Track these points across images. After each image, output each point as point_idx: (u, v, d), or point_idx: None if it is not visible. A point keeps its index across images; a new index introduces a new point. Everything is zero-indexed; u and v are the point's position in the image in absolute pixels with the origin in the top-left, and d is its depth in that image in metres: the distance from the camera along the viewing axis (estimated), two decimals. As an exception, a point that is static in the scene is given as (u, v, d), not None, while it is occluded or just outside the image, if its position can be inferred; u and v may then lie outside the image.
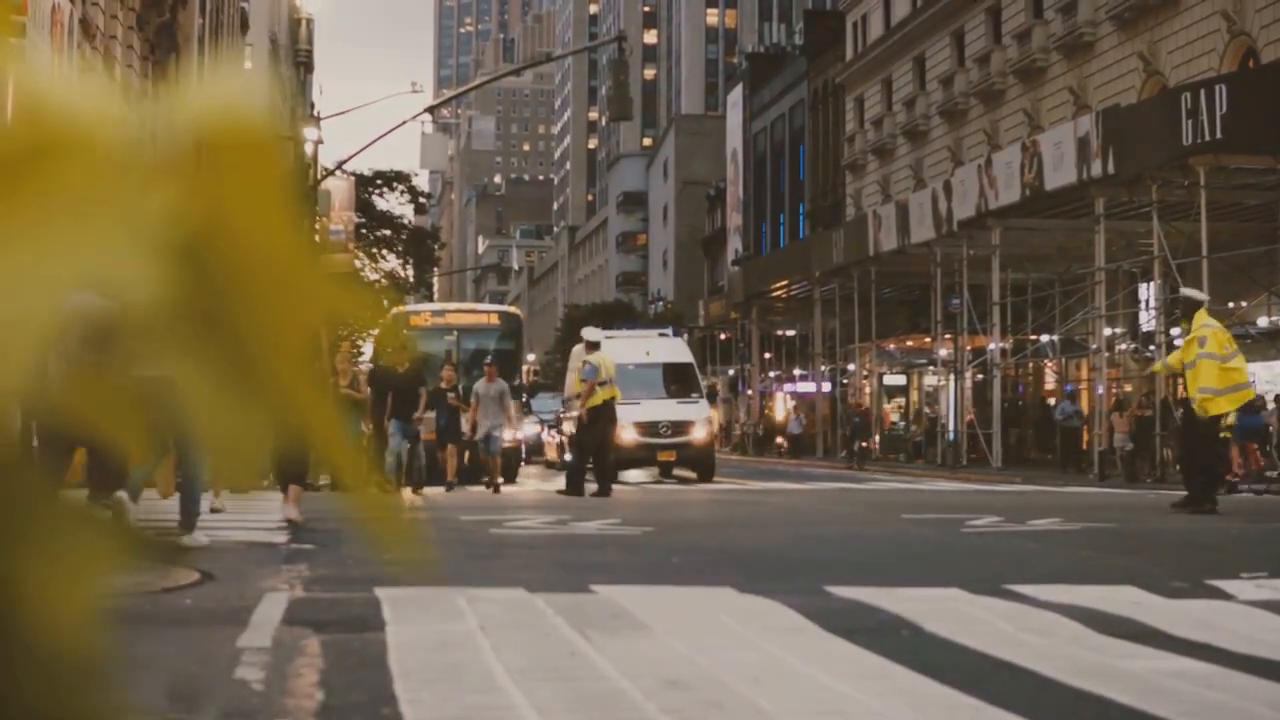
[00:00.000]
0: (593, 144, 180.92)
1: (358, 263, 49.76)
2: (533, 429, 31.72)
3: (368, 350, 27.95)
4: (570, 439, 19.50)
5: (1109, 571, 7.75)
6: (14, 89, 0.73)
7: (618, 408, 25.68)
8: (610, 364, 18.85)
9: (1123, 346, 33.90)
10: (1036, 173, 29.69)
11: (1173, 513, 13.55)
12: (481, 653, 4.74)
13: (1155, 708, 3.89)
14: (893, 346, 46.15)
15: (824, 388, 50.66)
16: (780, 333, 58.67)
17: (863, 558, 9.02)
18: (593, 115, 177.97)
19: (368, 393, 17.43)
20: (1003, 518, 12.55)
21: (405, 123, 32.98)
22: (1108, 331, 31.14)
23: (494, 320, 26.55)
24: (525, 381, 27.68)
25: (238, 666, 4.48)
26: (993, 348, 34.53)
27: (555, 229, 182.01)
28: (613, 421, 19.01)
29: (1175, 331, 23.87)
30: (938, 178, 42.08)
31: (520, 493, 19.82)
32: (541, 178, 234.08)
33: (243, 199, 0.76)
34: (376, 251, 61.23)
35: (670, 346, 29.58)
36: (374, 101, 38.41)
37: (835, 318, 45.82)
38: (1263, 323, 30.20)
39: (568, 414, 28.51)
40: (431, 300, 76.70)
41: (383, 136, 31.50)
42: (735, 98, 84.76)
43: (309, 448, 0.78)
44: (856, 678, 4.32)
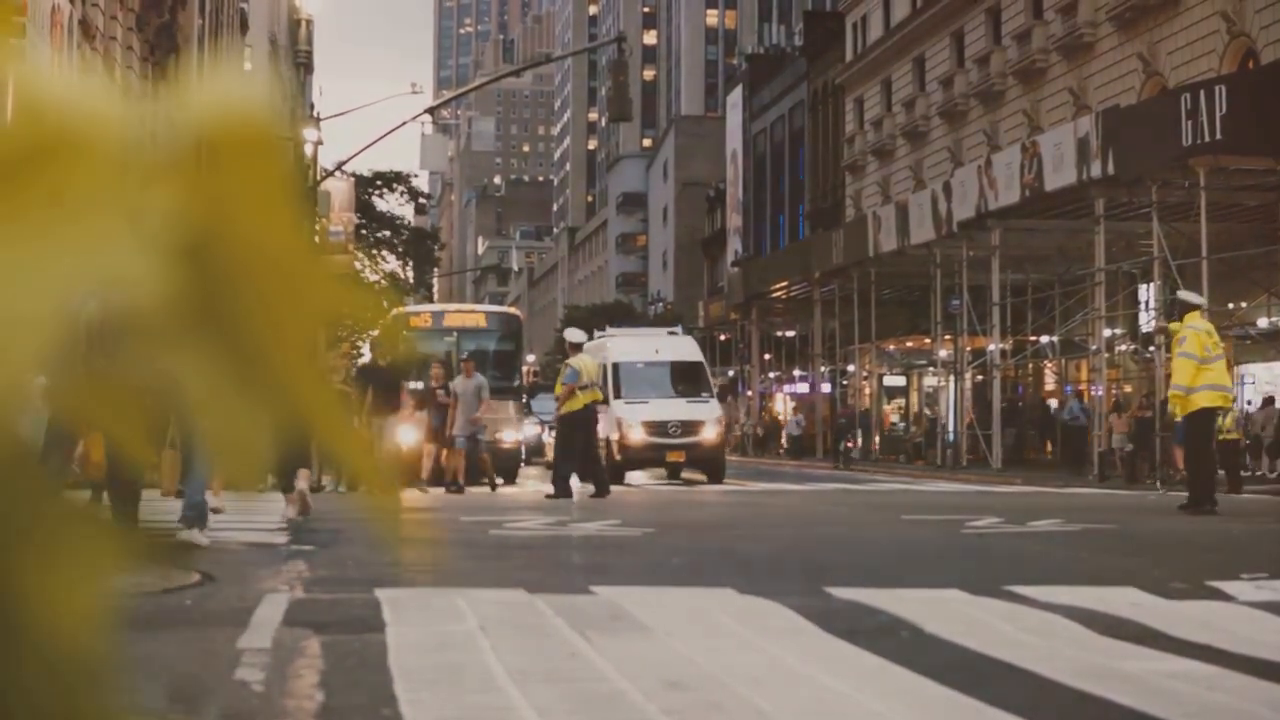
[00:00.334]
0: (592, 145, 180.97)
1: (357, 264, 49.75)
2: (533, 430, 31.59)
3: (368, 350, 27.94)
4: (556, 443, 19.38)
5: (1109, 572, 7.75)
6: (15, 89, 0.73)
7: (626, 406, 25.64)
8: (593, 367, 18.73)
9: (1122, 348, 33.90)
10: (1036, 173, 29.69)
11: (1177, 514, 13.56)
12: (482, 653, 4.74)
13: (1156, 709, 3.89)
14: (892, 347, 46.15)
15: (824, 389, 50.66)
16: (780, 334, 58.68)
17: (863, 559, 9.02)
18: (592, 116, 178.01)
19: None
20: (1003, 519, 12.55)
21: (405, 124, 33.02)
22: (1107, 332, 31.13)
23: (494, 321, 26.51)
24: (525, 383, 27.53)
25: (238, 667, 4.48)
26: (992, 349, 34.53)
27: (555, 230, 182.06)
28: (594, 424, 18.99)
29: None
30: (937, 179, 42.07)
31: (520, 494, 19.82)
32: (541, 179, 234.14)
33: (246, 197, 0.76)
34: (376, 252, 61.24)
35: (680, 345, 29.12)
36: (374, 102, 38.44)
37: (835, 319, 45.81)
38: (1262, 324, 30.21)
39: None
40: (431, 301, 76.66)
41: (383, 137, 31.53)
42: (735, 99, 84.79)
43: (310, 449, 0.78)
44: (856, 678, 4.32)
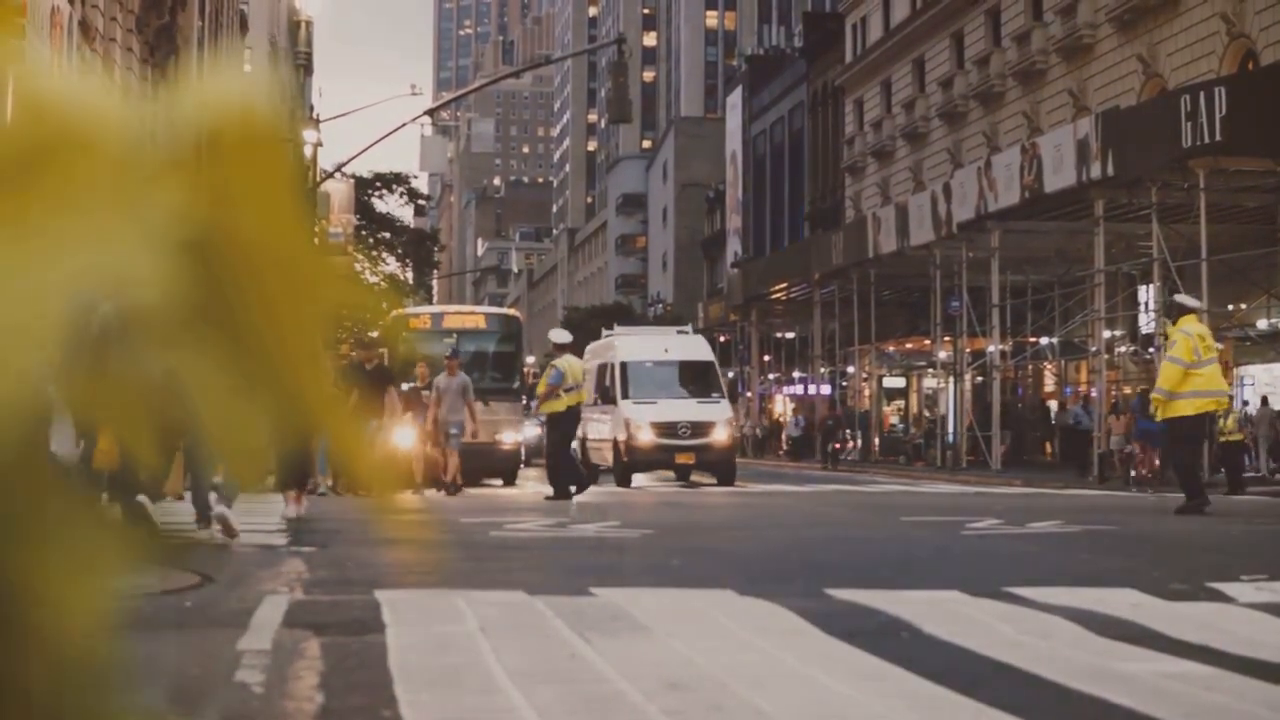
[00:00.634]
0: (592, 146, 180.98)
1: (357, 265, 49.76)
2: (533, 431, 31.45)
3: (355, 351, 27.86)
4: (548, 444, 19.26)
5: (1109, 574, 7.75)
6: (17, 88, 0.73)
7: (634, 406, 25.23)
8: (578, 369, 18.67)
9: (1122, 349, 33.91)
10: (1036, 175, 29.70)
11: (1176, 516, 13.57)
12: (482, 655, 4.74)
13: (1155, 710, 3.89)
14: (892, 349, 46.16)
15: (824, 390, 50.68)
16: (780, 335, 58.68)
17: (862, 560, 9.02)
18: (592, 117, 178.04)
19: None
20: (1002, 520, 12.55)
21: (405, 125, 33.06)
22: (1107, 334, 31.15)
23: (493, 323, 26.49)
24: (525, 384, 27.44)
25: (238, 669, 4.48)
26: (992, 350, 34.54)
27: (554, 231, 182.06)
28: (576, 426, 18.92)
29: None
30: (937, 180, 42.08)
31: (520, 495, 19.81)
32: (541, 180, 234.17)
33: (248, 195, 0.76)
34: (376, 254, 61.22)
35: (690, 344, 28.34)
36: (373, 104, 38.50)
37: (835, 320, 45.83)
38: (1262, 325, 30.22)
39: (584, 418, 28.20)
40: (431, 303, 76.64)
41: (382, 139, 31.54)
42: (735, 100, 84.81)
43: (310, 449, 0.78)
44: (856, 679, 4.32)
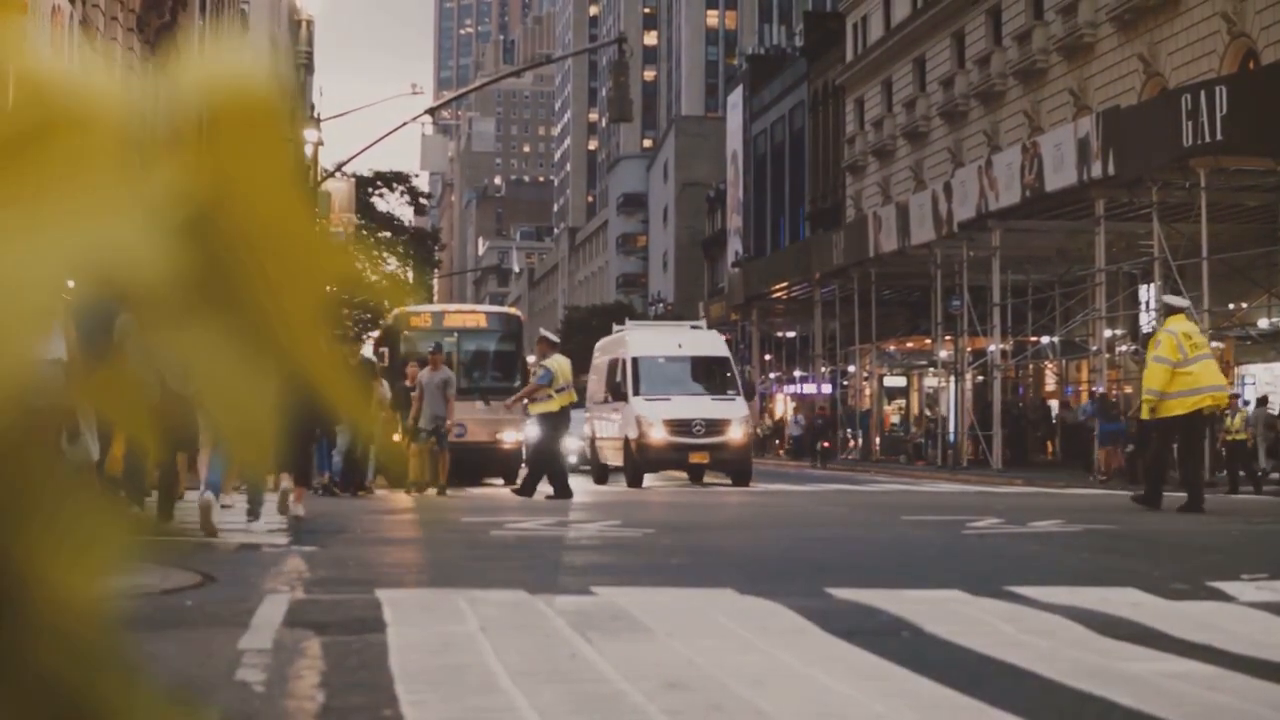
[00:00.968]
0: (593, 145, 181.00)
1: (357, 265, 49.69)
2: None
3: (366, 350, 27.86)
4: (531, 448, 19.15)
5: (1110, 573, 7.75)
6: (17, 68, 0.73)
7: (646, 403, 24.51)
8: (567, 369, 18.59)
9: (1123, 348, 33.90)
10: (1037, 174, 29.70)
11: (1178, 515, 13.58)
12: (483, 654, 4.74)
13: (1157, 709, 3.88)
14: (893, 348, 46.16)
15: (824, 389, 50.67)
16: (780, 334, 58.71)
17: (863, 559, 9.02)
18: (593, 117, 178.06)
19: None
20: (1003, 519, 12.55)
21: (405, 124, 33.07)
22: (1108, 333, 31.15)
23: (494, 322, 26.46)
24: (526, 383, 27.36)
25: (239, 668, 4.47)
26: (993, 349, 34.54)
27: (555, 230, 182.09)
28: (565, 428, 18.87)
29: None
30: (938, 179, 42.09)
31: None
32: (541, 179, 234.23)
33: (249, 171, 0.76)
34: (377, 253, 61.24)
35: (704, 339, 27.44)
36: (374, 103, 38.49)
37: (835, 319, 45.83)
38: (1263, 324, 30.21)
39: (594, 416, 28.02)
40: (431, 302, 76.67)
41: (383, 138, 31.56)
42: (735, 99, 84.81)
43: (312, 447, 0.78)
44: (857, 679, 4.32)
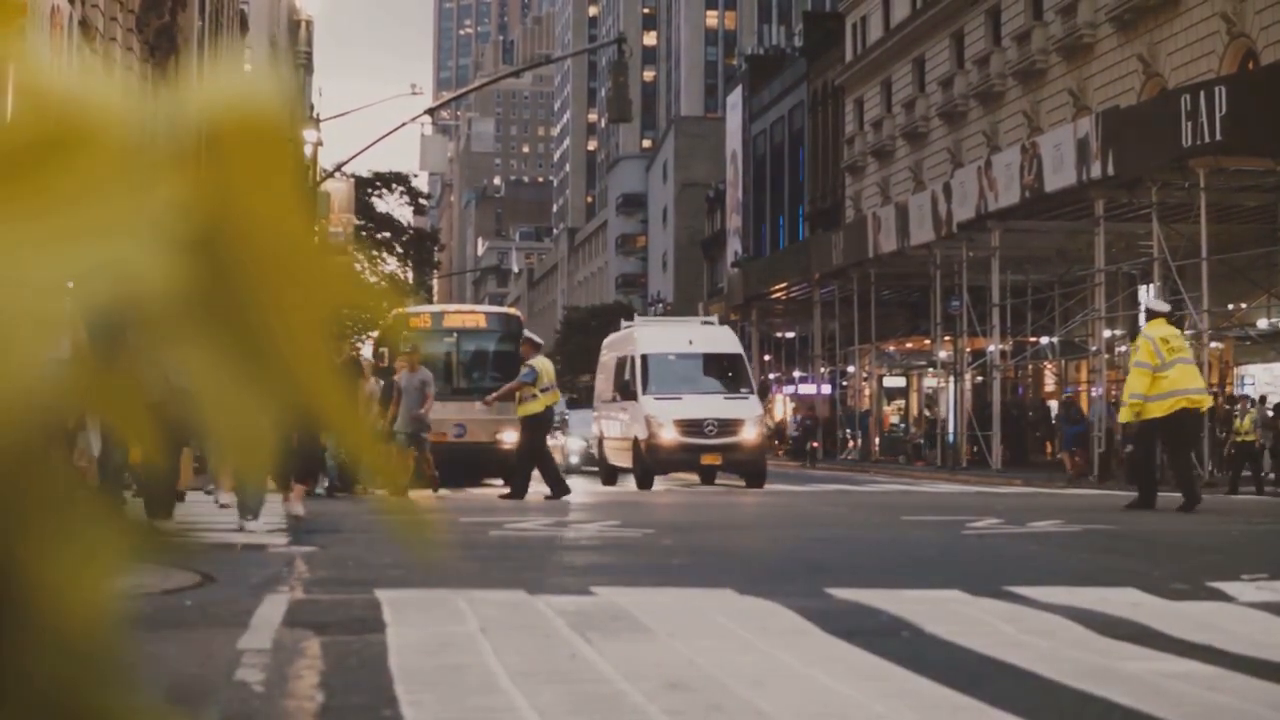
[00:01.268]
0: (592, 146, 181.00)
1: (357, 265, 49.76)
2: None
3: (366, 350, 27.86)
4: (517, 449, 18.98)
5: (1110, 573, 7.75)
6: (21, 81, 0.73)
7: (655, 402, 23.78)
8: (550, 369, 18.50)
9: (1122, 348, 33.89)
10: (1036, 174, 29.70)
11: (1177, 515, 13.61)
12: (483, 655, 4.74)
13: (1157, 709, 3.89)
14: (892, 348, 46.16)
15: (824, 390, 50.66)
16: (780, 335, 58.72)
17: (863, 560, 9.02)
18: (592, 117, 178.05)
19: None
20: (1003, 519, 12.55)
21: (405, 125, 33.07)
22: (1107, 333, 31.14)
23: (494, 322, 26.44)
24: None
25: (238, 668, 4.47)
26: (992, 350, 34.53)
27: (555, 231, 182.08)
28: (549, 428, 18.77)
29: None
30: (937, 179, 42.10)
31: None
32: (541, 180, 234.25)
33: (253, 189, 0.76)
34: (376, 254, 61.28)
35: (716, 335, 26.41)
36: (373, 103, 38.50)
37: (835, 320, 45.82)
38: (1262, 325, 30.21)
39: (602, 416, 27.75)
40: (431, 303, 76.68)
41: (382, 139, 31.56)
42: (735, 99, 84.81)
43: (313, 449, 0.78)
44: (857, 679, 4.32)
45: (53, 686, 0.72)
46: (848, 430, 45.90)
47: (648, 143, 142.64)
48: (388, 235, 65.35)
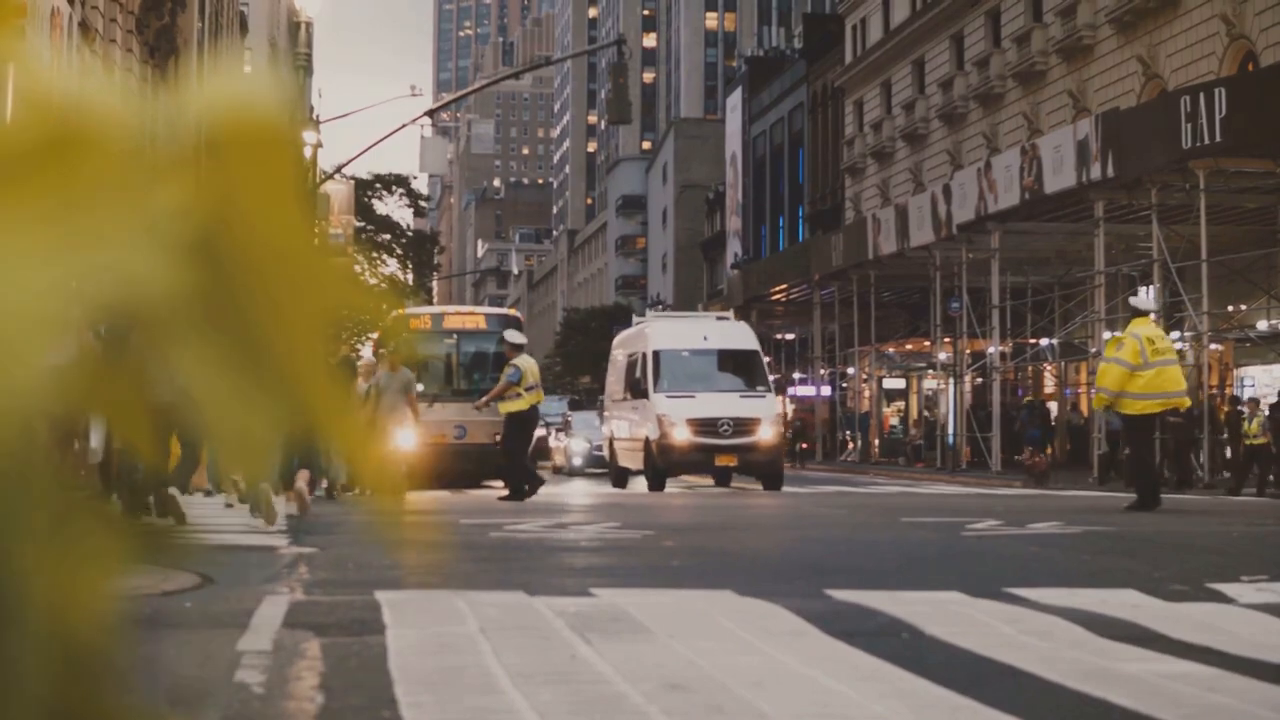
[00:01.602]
0: (592, 147, 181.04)
1: (357, 267, 49.81)
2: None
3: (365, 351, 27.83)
4: (504, 445, 18.94)
5: (1109, 574, 7.75)
6: (22, 84, 0.73)
7: (668, 401, 23.00)
8: (534, 369, 18.43)
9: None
10: (1036, 176, 29.71)
11: (1177, 517, 13.65)
12: (482, 656, 4.74)
13: (1157, 710, 3.88)
14: (892, 350, 46.17)
15: (824, 391, 50.67)
16: (779, 336, 58.71)
17: (863, 561, 9.01)
18: (592, 119, 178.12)
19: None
20: (1002, 521, 12.54)
21: (405, 126, 33.06)
22: (1107, 335, 31.12)
23: (494, 323, 26.42)
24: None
25: (238, 669, 4.47)
26: (992, 351, 34.53)
27: (554, 232, 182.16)
28: (534, 426, 18.76)
29: (1174, 335, 24.36)
30: (937, 181, 42.10)
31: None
32: (541, 181, 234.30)
33: (254, 193, 0.76)
34: (376, 256, 61.31)
35: (731, 330, 25.41)
36: (373, 105, 38.52)
37: (834, 321, 45.84)
38: (1262, 325, 30.22)
39: (612, 415, 27.51)
40: (431, 304, 76.66)
41: (382, 140, 31.57)
42: (734, 101, 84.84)
43: (312, 448, 0.78)
44: (857, 680, 4.32)
45: (52, 688, 0.72)
46: (847, 432, 45.89)
47: (647, 144, 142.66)
48: (387, 237, 65.36)
